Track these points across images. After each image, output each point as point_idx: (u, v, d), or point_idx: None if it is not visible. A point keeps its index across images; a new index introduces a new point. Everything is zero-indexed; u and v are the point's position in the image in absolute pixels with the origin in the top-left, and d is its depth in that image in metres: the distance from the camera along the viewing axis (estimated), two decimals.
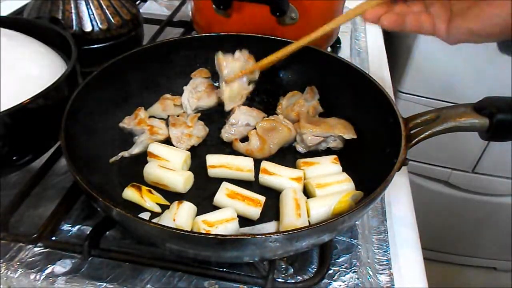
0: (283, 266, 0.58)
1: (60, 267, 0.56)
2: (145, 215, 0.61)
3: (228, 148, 0.74)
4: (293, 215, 0.58)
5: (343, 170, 0.68)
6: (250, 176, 0.67)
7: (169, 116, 0.77)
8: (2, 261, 0.56)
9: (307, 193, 0.65)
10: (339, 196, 0.60)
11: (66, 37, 0.70)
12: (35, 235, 0.58)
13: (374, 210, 0.67)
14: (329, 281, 0.57)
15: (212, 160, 0.68)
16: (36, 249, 0.58)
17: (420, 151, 1.39)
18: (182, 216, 0.57)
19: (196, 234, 0.51)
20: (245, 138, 0.74)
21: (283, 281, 0.56)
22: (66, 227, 0.62)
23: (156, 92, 0.80)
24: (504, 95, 0.60)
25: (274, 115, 0.77)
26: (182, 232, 0.47)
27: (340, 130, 0.71)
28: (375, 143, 0.67)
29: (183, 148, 0.71)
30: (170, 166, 0.66)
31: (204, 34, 0.84)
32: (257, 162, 0.68)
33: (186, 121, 0.75)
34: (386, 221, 0.65)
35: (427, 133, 0.60)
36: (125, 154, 0.70)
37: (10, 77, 0.60)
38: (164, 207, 0.62)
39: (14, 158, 0.62)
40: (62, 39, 0.71)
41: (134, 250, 0.58)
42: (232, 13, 0.85)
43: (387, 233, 0.64)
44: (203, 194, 0.65)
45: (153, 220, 0.58)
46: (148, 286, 0.55)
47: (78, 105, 0.63)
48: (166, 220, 0.57)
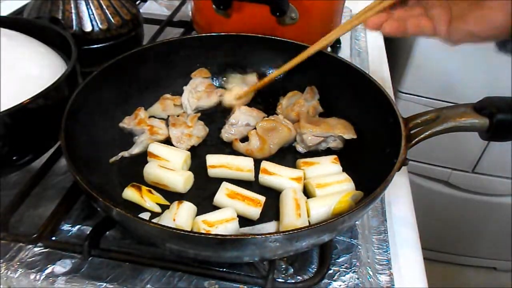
0: (283, 266, 0.58)
1: (60, 267, 0.56)
2: (145, 215, 0.61)
3: (228, 148, 0.74)
4: (293, 215, 0.58)
5: (343, 170, 0.68)
6: (250, 176, 0.67)
7: (169, 116, 0.77)
8: (2, 261, 0.56)
9: (307, 193, 0.65)
10: (339, 196, 0.60)
11: (66, 37, 0.70)
12: (35, 235, 0.58)
13: (374, 210, 0.67)
14: (329, 281, 0.57)
15: (212, 160, 0.68)
16: (36, 249, 0.58)
17: (420, 151, 1.39)
18: (182, 216, 0.57)
19: (196, 234, 0.51)
20: (245, 138, 0.74)
21: (283, 281, 0.56)
22: (66, 227, 0.62)
23: (156, 92, 0.80)
24: (504, 95, 0.60)
25: (274, 115, 0.77)
26: (182, 232, 0.47)
27: (340, 130, 0.71)
28: (375, 143, 0.67)
29: (183, 148, 0.71)
30: (170, 166, 0.66)
31: (204, 34, 0.84)
32: (257, 162, 0.68)
33: (186, 121, 0.75)
34: (386, 221, 0.65)
35: (427, 133, 0.60)
36: (125, 154, 0.70)
37: (10, 77, 0.60)
38: (164, 207, 0.62)
39: (14, 158, 0.62)
40: (62, 39, 0.71)
41: (134, 250, 0.58)
42: (232, 13, 0.85)
43: (387, 233, 0.64)
44: (203, 194, 0.65)
45: (153, 220, 0.58)
46: (148, 286, 0.55)
47: (78, 105, 0.63)
48: (166, 220, 0.57)
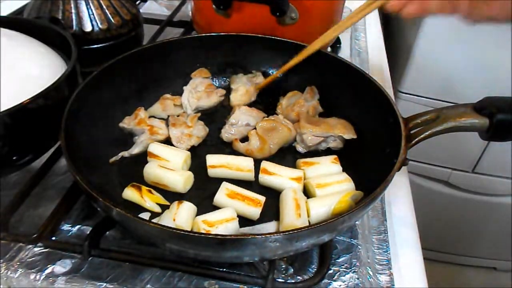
0: (283, 266, 0.58)
1: (60, 267, 0.56)
2: (145, 215, 0.61)
3: (228, 148, 0.74)
4: (293, 215, 0.58)
5: (343, 170, 0.68)
6: (250, 176, 0.67)
7: (169, 116, 0.77)
8: (2, 261, 0.56)
9: (307, 193, 0.65)
10: (339, 196, 0.60)
11: (66, 37, 0.70)
12: (35, 235, 0.58)
13: (374, 210, 0.67)
14: (329, 281, 0.57)
15: (212, 160, 0.68)
16: (36, 249, 0.58)
17: (420, 151, 1.39)
18: (182, 216, 0.57)
19: (196, 234, 0.51)
20: (245, 138, 0.74)
21: (283, 281, 0.56)
22: (66, 227, 0.62)
23: (156, 92, 0.80)
24: (504, 95, 0.60)
25: (274, 115, 0.77)
26: (182, 232, 0.47)
27: (340, 130, 0.71)
28: (375, 143, 0.67)
29: (183, 148, 0.71)
30: (170, 166, 0.66)
31: (204, 34, 0.84)
32: (257, 162, 0.68)
33: (186, 121, 0.75)
34: (386, 221, 0.65)
35: (427, 133, 0.60)
36: (125, 154, 0.70)
37: (10, 77, 0.60)
38: (164, 207, 0.62)
39: (14, 158, 0.62)
40: (62, 39, 0.71)
41: (134, 250, 0.58)
42: (232, 13, 0.85)
43: (387, 233, 0.64)
44: (203, 194, 0.65)
45: (153, 220, 0.58)
46: (148, 286, 0.55)
47: (78, 105, 0.63)
48: (166, 220, 0.57)
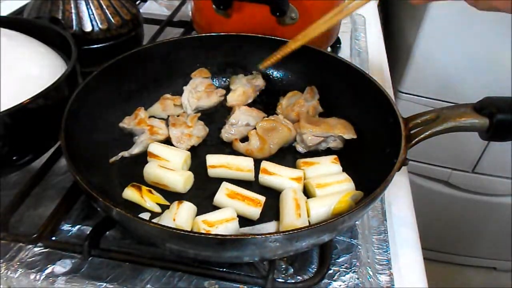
0: (283, 266, 0.58)
1: (60, 267, 0.56)
2: (145, 215, 0.61)
3: (228, 148, 0.74)
4: (293, 215, 0.58)
5: (343, 170, 0.68)
6: (250, 176, 0.67)
7: (169, 116, 0.77)
8: (2, 261, 0.56)
9: (307, 193, 0.65)
10: (339, 196, 0.60)
11: (66, 37, 0.70)
12: (35, 235, 0.58)
13: (374, 210, 0.67)
14: (329, 281, 0.57)
15: (212, 160, 0.68)
16: (36, 249, 0.58)
17: (420, 151, 1.39)
18: (182, 216, 0.57)
19: (196, 234, 0.51)
20: (245, 138, 0.74)
21: (283, 281, 0.56)
22: (66, 227, 0.62)
23: (156, 92, 0.80)
24: (504, 95, 0.60)
25: (274, 115, 0.77)
26: (182, 232, 0.47)
27: (340, 130, 0.71)
28: (375, 143, 0.67)
29: (183, 148, 0.71)
30: (170, 166, 0.66)
31: (204, 34, 0.84)
32: (257, 162, 0.68)
33: (186, 121, 0.75)
34: (386, 221, 0.65)
35: (427, 133, 0.60)
36: (125, 154, 0.70)
37: (10, 77, 0.60)
38: (164, 207, 0.62)
39: (14, 158, 0.62)
40: (62, 39, 0.71)
41: (134, 250, 0.58)
42: (232, 13, 0.85)
43: (387, 233, 0.64)
44: (203, 194, 0.65)
45: (153, 220, 0.58)
46: (148, 286, 0.55)
47: (78, 105, 0.63)
48: (166, 220, 0.57)
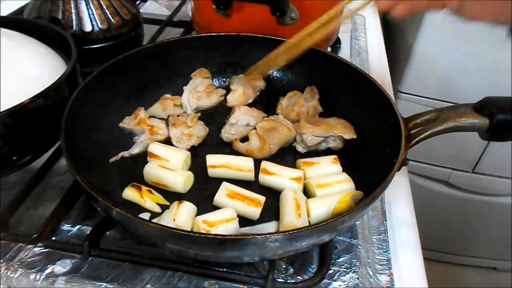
0: (283, 266, 0.58)
1: (60, 267, 0.56)
2: (145, 215, 0.61)
3: (228, 148, 0.74)
4: (293, 215, 0.58)
5: (343, 170, 0.68)
6: (250, 176, 0.67)
7: (169, 116, 0.77)
8: (2, 261, 0.56)
9: (307, 193, 0.65)
10: (339, 196, 0.60)
11: (66, 37, 0.70)
12: (35, 235, 0.58)
13: (374, 210, 0.67)
14: (329, 281, 0.57)
15: (212, 160, 0.68)
16: (36, 249, 0.58)
17: (420, 151, 1.39)
18: (182, 216, 0.57)
19: (196, 234, 0.51)
20: (245, 138, 0.74)
21: (283, 281, 0.56)
22: (66, 227, 0.62)
23: (156, 92, 0.80)
24: (504, 95, 0.60)
25: (274, 115, 0.77)
26: (182, 232, 0.47)
27: (340, 130, 0.71)
28: (375, 143, 0.67)
29: (183, 148, 0.71)
30: (170, 166, 0.66)
31: (204, 34, 0.84)
32: (257, 162, 0.68)
33: (186, 121, 0.75)
34: (386, 221, 0.65)
35: (427, 133, 0.60)
36: (125, 154, 0.70)
37: (10, 77, 0.60)
38: (164, 207, 0.62)
39: (14, 158, 0.62)
40: (62, 39, 0.71)
41: (134, 250, 0.58)
42: (232, 13, 0.85)
43: (387, 233, 0.64)
44: (203, 194, 0.65)
45: (153, 220, 0.58)
46: (148, 286, 0.55)
47: (78, 105, 0.63)
48: (166, 220, 0.57)
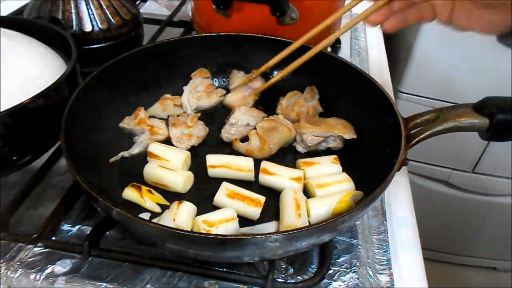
0: (283, 266, 0.58)
1: (60, 267, 0.56)
2: (145, 215, 0.61)
3: (228, 148, 0.74)
4: (293, 215, 0.58)
5: (343, 170, 0.68)
6: (250, 176, 0.67)
7: (169, 116, 0.77)
8: (2, 261, 0.56)
9: (307, 193, 0.65)
10: (339, 196, 0.60)
11: (66, 37, 0.70)
12: (35, 235, 0.58)
13: (374, 210, 0.67)
14: (329, 281, 0.57)
15: (212, 160, 0.68)
16: (36, 249, 0.58)
17: (420, 151, 1.39)
18: (182, 216, 0.57)
19: (196, 234, 0.51)
20: (245, 138, 0.74)
21: (283, 281, 0.56)
22: (66, 227, 0.62)
23: (156, 92, 0.80)
24: (504, 95, 0.60)
25: (274, 115, 0.77)
26: (182, 232, 0.47)
27: (340, 130, 0.71)
28: (375, 143, 0.67)
29: (183, 148, 0.71)
30: (170, 166, 0.66)
31: (204, 34, 0.84)
32: (257, 162, 0.68)
33: (186, 121, 0.75)
34: (386, 221, 0.65)
35: (427, 133, 0.60)
36: (125, 154, 0.70)
37: (10, 77, 0.60)
38: (164, 207, 0.62)
39: (14, 158, 0.62)
40: (62, 39, 0.71)
41: (134, 250, 0.58)
42: (232, 13, 0.85)
43: (387, 233, 0.64)
44: (203, 194, 0.65)
45: (153, 220, 0.58)
46: (148, 286, 0.55)
47: (78, 105, 0.63)
48: (166, 220, 0.57)
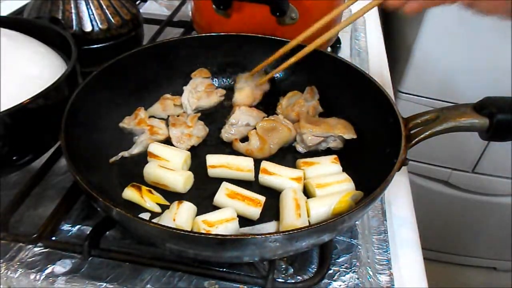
0: (283, 266, 0.58)
1: (60, 267, 0.56)
2: (145, 215, 0.61)
3: (228, 148, 0.74)
4: (293, 215, 0.58)
5: (343, 170, 0.68)
6: (250, 176, 0.67)
7: (169, 116, 0.77)
8: (2, 261, 0.56)
9: (307, 193, 0.65)
10: (339, 196, 0.60)
11: (66, 37, 0.70)
12: (35, 235, 0.58)
13: (374, 210, 0.67)
14: (329, 281, 0.57)
15: (212, 160, 0.68)
16: (36, 249, 0.58)
17: (420, 151, 1.39)
18: (182, 216, 0.57)
19: (196, 234, 0.51)
20: (245, 138, 0.74)
21: (283, 281, 0.56)
22: (66, 227, 0.62)
23: (156, 92, 0.80)
24: (504, 95, 0.60)
25: (274, 115, 0.77)
26: (182, 232, 0.47)
27: (340, 130, 0.71)
28: (375, 143, 0.67)
29: (183, 148, 0.71)
30: (170, 166, 0.66)
31: (204, 34, 0.84)
32: (257, 162, 0.68)
33: (186, 121, 0.75)
34: (386, 221, 0.65)
35: (427, 133, 0.60)
36: (125, 154, 0.70)
37: (10, 77, 0.60)
38: (164, 207, 0.62)
39: (14, 158, 0.62)
40: (62, 39, 0.71)
41: (134, 250, 0.58)
42: (232, 13, 0.85)
43: (387, 233, 0.64)
44: (203, 194, 0.65)
45: (153, 220, 0.58)
46: (148, 286, 0.55)
47: (78, 105, 0.63)
48: (166, 220, 0.57)
